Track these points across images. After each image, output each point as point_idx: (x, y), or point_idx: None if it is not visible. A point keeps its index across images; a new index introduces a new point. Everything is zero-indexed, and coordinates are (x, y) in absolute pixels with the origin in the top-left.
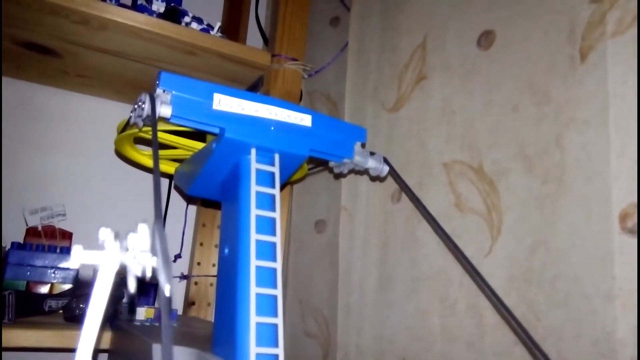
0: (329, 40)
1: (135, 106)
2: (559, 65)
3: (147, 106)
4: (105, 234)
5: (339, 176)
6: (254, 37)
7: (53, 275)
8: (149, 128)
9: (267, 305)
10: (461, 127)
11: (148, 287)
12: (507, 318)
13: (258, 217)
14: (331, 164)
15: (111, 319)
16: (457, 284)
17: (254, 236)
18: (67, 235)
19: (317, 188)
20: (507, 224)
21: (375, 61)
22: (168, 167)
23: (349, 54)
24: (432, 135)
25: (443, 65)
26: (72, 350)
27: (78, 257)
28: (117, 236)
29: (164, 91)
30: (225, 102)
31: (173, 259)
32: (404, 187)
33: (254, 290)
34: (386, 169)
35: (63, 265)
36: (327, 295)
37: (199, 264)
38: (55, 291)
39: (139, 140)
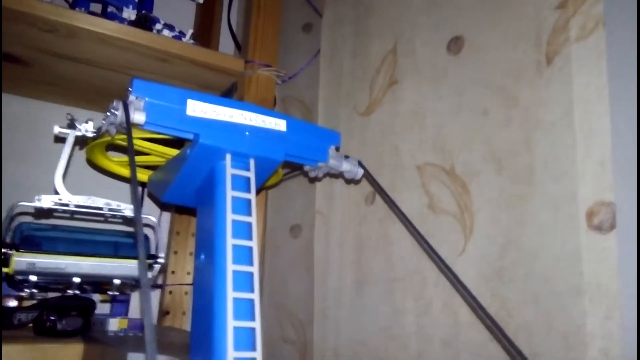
0: (302, 46)
1: (108, 113)
2: (526, 69)
3: (120, 113)
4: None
5: (314, 180)
6: (226, 44)
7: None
8: (122, 135)
9: (244, 309)
10: (432, 130)
11: (122, 298)
12: (481, 316)
13: (234, 222)
14: (306, 168)
15: (83, 330)
16: (432, 284)
17: (230, 241)
18: None
19: (293, 193)
20: (479, 224)
21: (348, 66)
22: (141, 175)
23: (322, 59)
24: (405, 139)
25: (414, 69)
26: None
27: (56, 131)
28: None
29: (136, 98)
30: (199, 108)
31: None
32: (379, 190)
33: (231, 294)
34: (361, 171)
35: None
36: (303, 300)
37: (173, 272)
38: (24, 304)
39: (110, 147)
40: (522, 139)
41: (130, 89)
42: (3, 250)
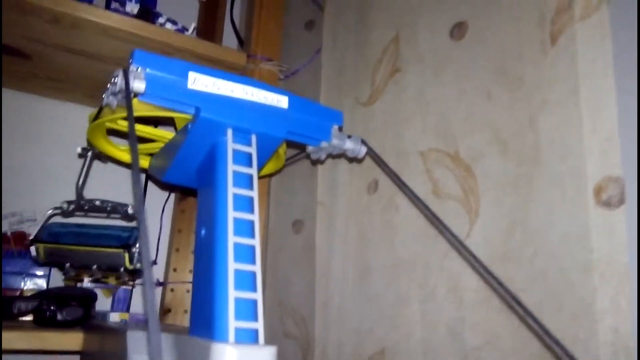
0: (304, 43)
1: (109, 85)
2: (530, 50)
3: (120, 80)
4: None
5: (316, 162)
6: (230, 42)
7: (23, 281)
8: (123, 121)
9: (245, 281)
10: (436, 116)
11: (123, 292)
12: (497, 290)
13: (235, 195)
14: (309, 149)
15: (83, 321)
16: (436, 269)
17: (231, 213)
18: None
19: (295, 187)
20: (484, 207)
21: (350, 57)
22: (144, 162)
23: (323, 51)
24: (408, 126)
25: (416, 57)
26: (44, 353)
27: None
28: None
29: (137, 69)
30: (200, 81)
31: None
32: (384, 167)
33: (232, 265)
34: (364, 150)
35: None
36: (306, 295)
37: (175, 270)
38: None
39: (114, 133)
40: (527, 120)
41: (130, 59)
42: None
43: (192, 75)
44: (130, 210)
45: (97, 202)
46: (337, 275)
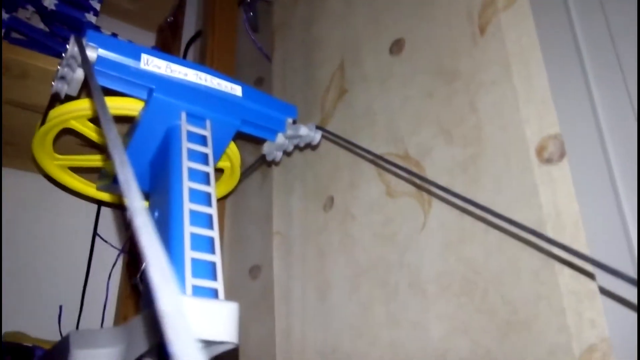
0: None
1: (58, 65)
2: (462, 44)
3: (71, 46)
4: None
5: (271, 164)
6: None
7: None
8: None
9: (203, 243)
10: (383, 124)
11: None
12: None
13: (190, 169)
14: (264, 149)
15: None
16: (397, 266)
17: (186, 184)
18: None
19: (249, 232)
20: (436, 196)
21: (299, 95)
22: (90, 189)
23: (274, 94)
24: (358, 139)
25: (361, 77)
26: None
27: None
28: None
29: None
30: (153, 63)
31: None
32: (343, 141)
33: (187, 229)
34: (319, 135)
35: None
36: (267, 342)
37: None
38: None
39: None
40: (467, 104)
41: (84, 38)
42: None
43: (144, 56)
44: None
45: None
46: (297, 302)
